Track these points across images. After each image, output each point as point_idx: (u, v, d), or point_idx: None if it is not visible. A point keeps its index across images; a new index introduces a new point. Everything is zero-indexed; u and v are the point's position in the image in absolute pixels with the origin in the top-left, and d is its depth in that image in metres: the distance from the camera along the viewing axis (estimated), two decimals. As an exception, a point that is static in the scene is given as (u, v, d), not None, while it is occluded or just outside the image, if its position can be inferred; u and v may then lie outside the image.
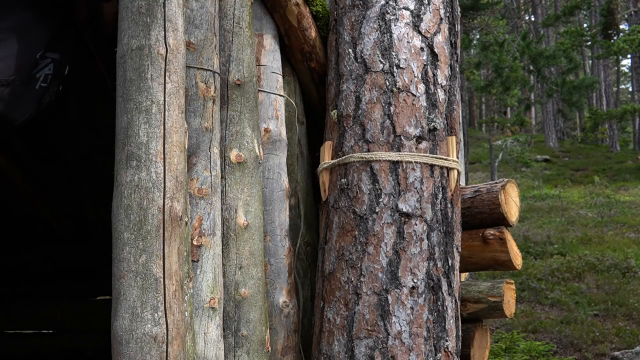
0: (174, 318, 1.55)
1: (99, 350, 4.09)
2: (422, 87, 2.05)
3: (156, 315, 1.52)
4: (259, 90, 2.10)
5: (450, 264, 2.01)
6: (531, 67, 12.86)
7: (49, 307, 4.57)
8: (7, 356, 4.76)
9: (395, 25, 2.08)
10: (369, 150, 2.01)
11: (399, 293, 1.91)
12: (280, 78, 2.21)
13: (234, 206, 1.91)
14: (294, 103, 2.32)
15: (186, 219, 1.67)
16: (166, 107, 1.61)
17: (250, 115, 1.98)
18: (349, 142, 2.05)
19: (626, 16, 21.42)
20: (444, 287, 1.97)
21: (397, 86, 2.03)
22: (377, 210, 1.96)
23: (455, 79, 2.16)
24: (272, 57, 2.19)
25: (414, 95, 2.04)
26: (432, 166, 2.01)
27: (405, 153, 1.99)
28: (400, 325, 1.89)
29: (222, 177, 1.90)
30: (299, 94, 2.36)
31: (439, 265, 1.97)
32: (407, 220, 1.95)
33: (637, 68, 23.07)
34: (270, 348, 1.96)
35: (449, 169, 2.05)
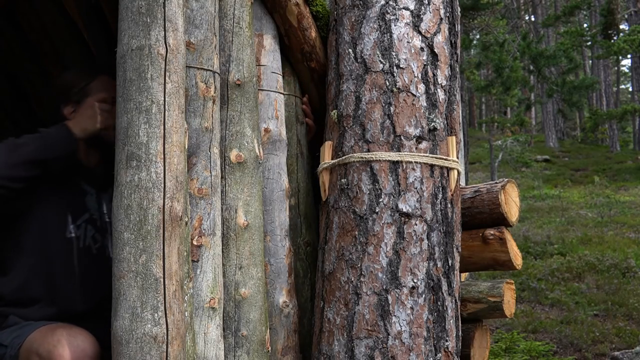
0: (174, 318, 1.55)
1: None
2: (422, 87, 2.05)
3: (156, 315, 1.52)
4: (259, 90, 2.10)
5: (450, 264, 2.01)
6: (531, 67, 12.87)
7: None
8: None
9: (395, 25, 2.08)
10: (369, 150, 2.01)
11: (399, 293, 1.91)
12: (280, 78, 2.21)
13: (234, 206, 1.91)
14: (294, 103, 2.33)
15: (186, 219, 1.67)
16: (166, 107, 1.61)
17: (250, 115, 1.98)
18: (349, 142, 2.05)
19: (626, 16, 21.41)
20: (444, 287, 1.97)
21: (397, 86, 2.03)
22: (377, 210, 1.96)
23: (455, 79, 2.16)
24: (272, 57, 2.19)
25: (414, 95, 2.04)
26: (432, 166, 2.01)
27: (405, 153, 1.99)
28: (400, 325, 1.89)
29: (222, 177, 1.90)
30: (299, 94, 2.36)
31: (439, 265, 1.97)
32: (407, 220, 1.95)
33: (637, 68, 23.07)
34: (270, 348, 1.96)
35: (449, 169, 2.05)
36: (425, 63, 2.07)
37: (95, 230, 2.21)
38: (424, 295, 1.93)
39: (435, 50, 2.09)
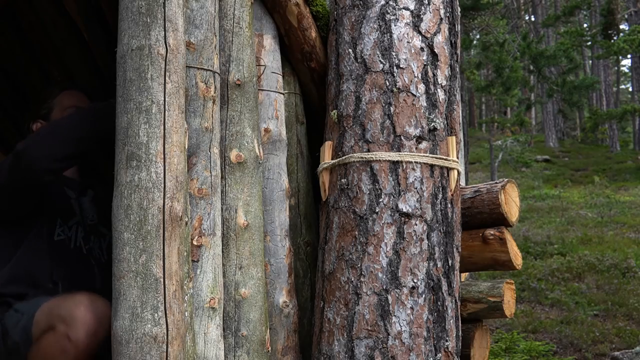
0: (174, 318, 1.55)
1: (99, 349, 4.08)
2: (422, 87, 2.05)
3: (156, 315, 1.52)
4: (259, 90, 2.10)
5: (450, 264, 2.01)
6: (531, 67, 12.87)
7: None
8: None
9: (395, 25, 2.08)
10: (369, 151, 2.01)
11: (399, 293, 1.91)
12: (280, 78, 2.21)
13: (234, 206, 1.91)
14: (294, 103, 2.33)
15: (186, 219, 1.67)
16: (166, 107, 1.61)
17: (250, 115, 1.98)
18: (349, 142, 2.05)
19: (626, 16, 21.40)
20: (444, 287, 1.97)
21: (397, 86, 2.03)
22: (377, 211, 1.96)
23: (455, 79, 2.16)
24: (272, 57, 2.19)
25: (414, 95, 2.04)
26: (432, 166, 2.01)
27: (406, 153, 1.99)
28: (401, 325, 1.89)
29: (222, 177, 1.91)
30: (299, 94, 2.36)
31: (439, 265, 1.97)
32: (407, 220, 1.95)
33: (637, 68, 23.07)
34: (270, 348, 1.96)
35: (449, 169, 2.05)
36: (425, 63, 2.07)
37: (84, 232, 2.25)
38: (424, 296, 1.93)
39: (435, 50, 2.09)
